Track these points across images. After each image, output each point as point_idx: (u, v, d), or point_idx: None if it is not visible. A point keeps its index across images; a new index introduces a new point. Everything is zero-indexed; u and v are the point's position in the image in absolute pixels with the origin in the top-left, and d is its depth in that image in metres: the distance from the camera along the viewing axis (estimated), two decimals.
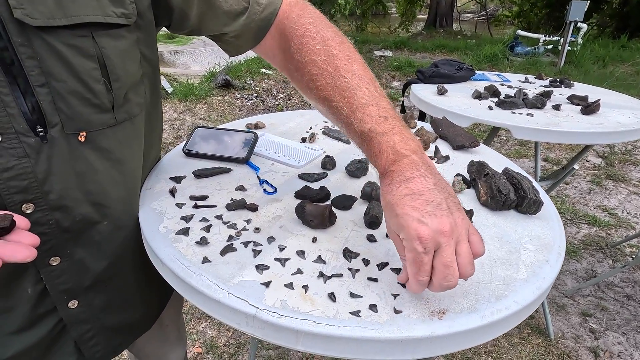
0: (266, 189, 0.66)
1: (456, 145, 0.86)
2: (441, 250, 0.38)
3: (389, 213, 0.41)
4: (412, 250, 0.39)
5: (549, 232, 0.58)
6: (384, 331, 0.40)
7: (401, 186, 0.41)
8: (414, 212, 0.39)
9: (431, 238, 0.38)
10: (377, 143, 0.45)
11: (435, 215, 0.39)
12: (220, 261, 0.49)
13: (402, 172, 0.42)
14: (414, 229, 0.38)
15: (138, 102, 0.52)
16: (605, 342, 1.60)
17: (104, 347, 0.61)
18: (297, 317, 0.41)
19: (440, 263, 0.38)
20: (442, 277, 0.38)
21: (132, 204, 0.56)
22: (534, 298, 0.46)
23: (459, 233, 0.39)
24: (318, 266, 0.49)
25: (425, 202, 0.39)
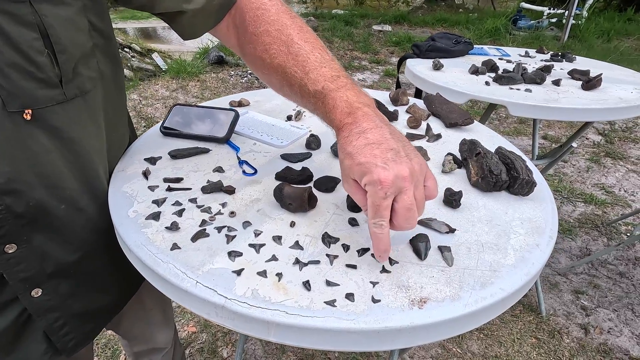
0: (245, 171, 0.63)
1: (449, 122, 0.82)
2: (402, 194, 0.40)
3: (349, 162, 0.42)
4: (373, 195, 0.40)
5: (541, 215, 0.56)
6: (359, 322, 0.38)
7: (360, 137, 0.42)
8: (375, 160, 0.40)
9: (392, 183, 0.39)
10: (332, 99, 0.46)
11: (396, 161, 0.40)
12: (191, 248, 0.46)
13: (359, 123, 0.43)
14: (377, 174, 0.39)
15: (90, 76, 0.48)
16: (596, 318, 1.61)
17: (76, 335, 0.59)
18: (268, 307, 0.39)
19: (402, 207, 0.40)
20: (404, 219, 0.40)
21: (92, 186, 0.53)
22: (521, 284, 0.44)
23: (417, 178, 0.41)
24: (294, 252, 0.46)
25: (385, 150, 0.40)
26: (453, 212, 0.55)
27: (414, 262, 0.45)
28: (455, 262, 0.46)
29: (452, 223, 0.52)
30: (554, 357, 1.46)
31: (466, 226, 0.52)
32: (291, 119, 0.83)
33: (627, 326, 1.61)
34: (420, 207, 0.42)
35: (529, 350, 1.47)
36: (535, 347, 1.49)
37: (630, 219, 2.12)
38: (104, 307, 0.64)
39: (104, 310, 0.65)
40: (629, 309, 1.67)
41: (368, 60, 4.55)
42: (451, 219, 0.53)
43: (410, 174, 0.40)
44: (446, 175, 0.64)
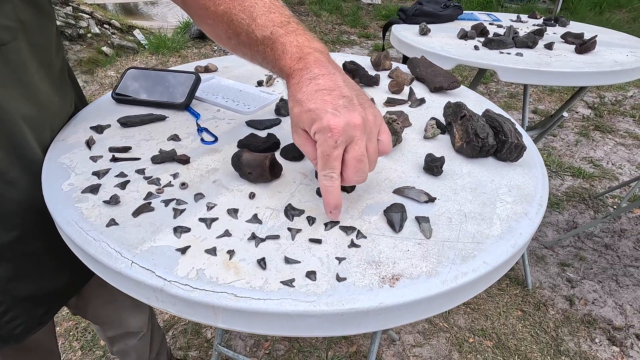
0: (204, 139, 0.56)
1: (434, 86, 0.75)
2: (353, 144, 0.37)
3: (299, 109, 0.38)
4: (323, 144, 0.37)
5: (530, 182, 0.50)
6: (320, 303, 0.32)
7: (311, 83, 0.39)
8: (326, 106, 0.37)
9: (343, 130, 0.36)
10: (281, 44, 0.42)
11: (348, 109, 0.37)
12: (131, 223, 0.40)
13: (310, 69, 0.40)
14: (327, 121, 0.36)
15: (6, 25, 0.40)
16: (581, 290, 1.62)
17: (25, 320, 0.54)
18: (214, 289, 0.33)
19: (352, 157, 0.37)
20: (354, 170, 0.38)
21: (21, 156, 0.46)
22: (507, 257, 0.39)
23: (370, 129, 0.38)
24: (251, 227, 0.40)
25: (337, 97, 0.38)
26: (434, 180, 0.49)
27: (388, 234, 0.40)
28: (434, 234, 0.40)
29: (433, 192, 0.47)
30: (539, 328, 1.46)
31: (448, 195, 0.47)
32: (262, 85, 0.75)
33: (610, 297, 1.62)
34: (373, 161, 0.39)
35: (514, 323, 1.47)
36: (520, 320, 1.49)
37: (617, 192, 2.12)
38: (56, 291, 0.59)
39: (57, 293, 0.59)
40: (613, 280, 1.68)
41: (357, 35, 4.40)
42: (432, 187, 0.48)
43: (362, 123, 0.37)
44: (428, 142, 0.58)
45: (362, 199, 0.45)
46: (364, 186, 0.47)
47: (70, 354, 1.39)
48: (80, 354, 1.39)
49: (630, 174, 2.32)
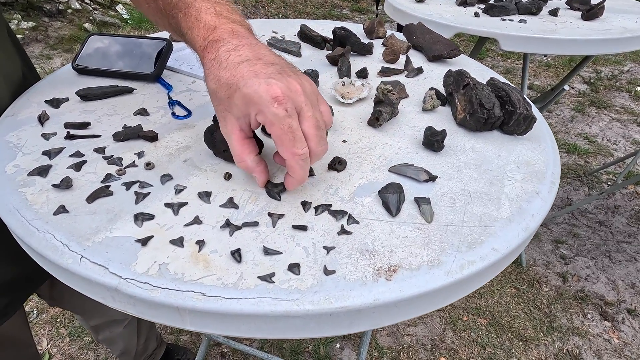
0: (176, 113, 0.49)
1: (432, 55, 0.69)
2: (303, 113, 0.33)
3: (224, 92, 0.33)
4: (274, 120, 0.32)
5: (540, 157, 0.45)
6: (304, 302, 0.27)
7: (230, 55, 0.33)
8: (257, 77, 0.32)
9: (287, 96, 0.32)
10: (196, 10, 0.37)
11: (282, 75, 0.33)
12: (84, 211, 0.34)
13: (227, 40, 0.34)
14: (265, 91, 0.31)
15: None
16: (574, 266, 1.62)
17: None
18: (178, 287, 0.28)
19: (310, 126, 0.33)
20: (317, 140, 0.33)
21: None
22: (519, 242, 0.34)
23: (311, 97, 0.34)
24: (226, 213, 0.35)
25: (266, 64, 0.33)
26: (434, 157, 0.44)
27: (383, 219, 0.35)
28: (435, 217, 0.35)
29: (433, 169, 0.42)
30: (532, 305, 1.46)
31: (450, 172, 0.42)
32: None
33: (603, 273, 1.62)
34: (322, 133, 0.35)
35: (508, 301, 1.47)
36: (514, 297, 1.48)
37: (611, 168, 2.10)
38: (15, 281, 0.53)
39: (18, 284, 0.54)
40: (606, 256, 1.68)
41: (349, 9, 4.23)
42: (432, 164, 0.43)
43: (302, 89, 0.33)
44: (427, 114, 0.53)
45: (353, 178, 0.40)
46: (355, 164, 0.42)
47: (58, 341, 1.35)
48: (69, 341, 1.35)
49: (625, 150, 2.30)
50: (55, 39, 3.03)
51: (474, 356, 1.32)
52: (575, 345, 1.38)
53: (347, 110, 0.52)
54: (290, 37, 0.76)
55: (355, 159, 0.43)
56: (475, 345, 1.34)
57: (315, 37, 0.73)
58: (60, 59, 2.83)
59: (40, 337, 1.33)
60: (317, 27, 0.79)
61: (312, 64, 0.66)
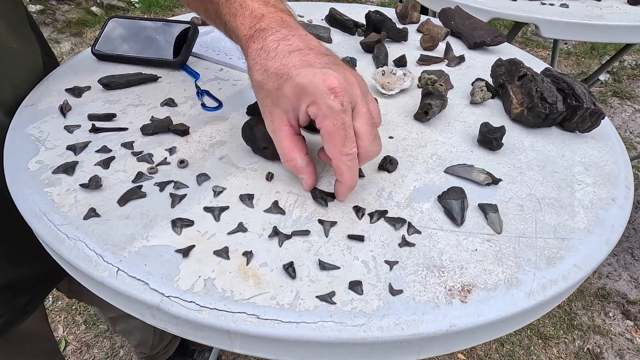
0: (206, 104, 0.46)
1: (473, 42, 0.64)
2: (359, 108, 0.30)
3: (272, 83, 0.30)
4: (328, 113, 0.29)
5: (608, 157, 0.41)
6: (372, 327, 0.24)
7: (280, 45, 0.31)
8: (312, 67, 0.29)
9: (344, 89, 0.29)
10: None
11: (338, 66, 0.30)
12: (117, 215, 0.31)
13: (277, 29, 0.32)
14: (322, 81, 0.28)
15: None
16: None
17: (5, 312, 0.47)
18: (229, 308, 0.25)
19: (364, 123, 0.30)
20: (371, 139, 0.30)
21: None
22: (602, 258, 0.30)
23: (365, 93, 0.31)
24: (272, 219, 0.31)
25: (319, 55, 0.30)
26: (492, 156, 0.40)
27: (447, 228, 0.31)
28: (504, 226, 0.32)
29: (494, 171, 0.38)
30: None
31: (512, 175, 0.38)
32: None
33: (626, 270, 1.58)
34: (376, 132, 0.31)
35: None
36: None
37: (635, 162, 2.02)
38: (38, 277, 0.52)
39: (40, 280, 0.52)
40: (628, 253, 1.63)
41: None
42: (490, 165, 0.39)
43: (357, 81, 0.30)
44: (477, 107, 0.48)
45: (407, 180, 0.36)
46: (407, 164, 0.38)
47: (74, 329, 1.35)
48: (84, 328, 1.36)
49: None
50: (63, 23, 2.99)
51: (492, 353, 1.29)
52: (596, 344, 1.34)
53: (389, 103, 0.48)
54: (318, 21, 0.71)
55: (406, 157, 0.39)
56: (494, 342, 1.31)
57: (346, 21, 0.68)
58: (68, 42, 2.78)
59: (57, 324, 1.34)
60: (346, 10, 0.74)
61: (344, 51, 0.61)
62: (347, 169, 0.30)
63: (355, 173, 0.30)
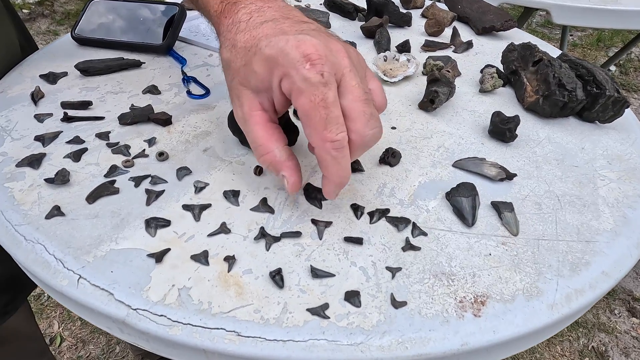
0: (192, 91, 0.42)
1: (482, 27, 0.59)
2: (346, 81, 0.24)
3: (240, 59, 0.25)
4: (303, 86, 0.23)
5: (632, 150, 0.37)
6: (371, 347, 0.21)
7: (252, 17, 0.26)
8: (285, 34, 0.24)
9: (324, 56, 0.23)
10: None
11: (319, 33, 0.25)
12: (84, 214, 0.27)
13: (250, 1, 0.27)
14: (294, 47, 0.23)
15: None
16: None
17: None
18: (204, 324, 0.21)
19: (353, 99, 0.24)
20: (365, 120, 0.24)
21: None
22: (633, 263, 0.27)
23: (357, 66, 0.25)
24: (260, 218, 0.28)
25: (296, 22, 0.26)
26: (505, 149, 0.36)
27: (457, 229, 0.28)
28: (521, 227, 0.28)
29: (507, 165, 0.34)
30: None
31: (528, 169, 0.34)
32: None
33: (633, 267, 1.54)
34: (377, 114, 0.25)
35: None
36: None
37: None
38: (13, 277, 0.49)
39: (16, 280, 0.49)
40: None
41: None
42: (503, 158, 0.35)
43: (345, 50, 0.25)
44: (486, 96, 0.44)
45: (411, 175, 0.32)
46: (411, 157, 0.34)
47: (69, 324, 1.33)
48: (80, 324, 1.33)
49: None
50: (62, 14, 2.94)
51: None
52: (601, 342, 1.32)
53: (391, 91, 0.44)
54: (316, 5, 0.67)
55: (410, 150, 0.35)
56: None
57: (346, 5, 0.64)
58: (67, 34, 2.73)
59: (52, 320, 1.31)
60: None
61: (344, 36, 0.57)
62: (332, 161, 0.24)
63: (344, 166, 0.24)
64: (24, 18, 2.51)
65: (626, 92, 2.56)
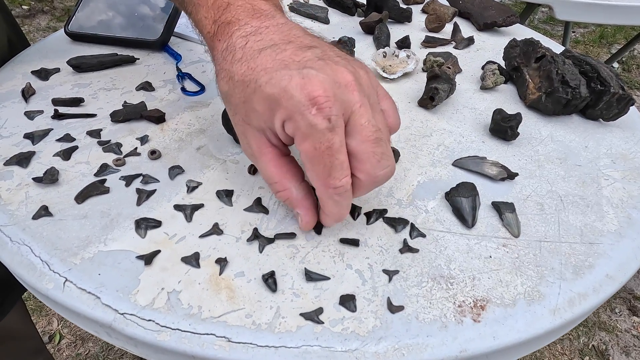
0: (186, 88, 0.41)
1: (484, 22, 0.58)
2: (355, 120, 0.22)
3: (239, 95, 0.23)
4: (308, 133, 0.21)
5: (637, 148, 0.36)
6: (367, 353, 0.20)
7: (249, 41, 0.24)
8: (287, 68, 0.22)
9: (332, 96, 0.21)
10: None
11: (325, 62, 0.22)
12: (72, 214, 0.26)
13: (245, 21, 0.25)
14: (298, 88, 0.21)
15: None
16: None
17: None
18: (194, 329, 0.20)
19: (365, 139, 0.22)
20: (376, 161, 0.23)
21: None
22: (637, 266, 0.26)
23: (368, 91, 0.23)
24: (253, 219, 0.27)
25: (299, 49, 0.23)
26: (506, 147, 0.35)
27: (456, 230, 0.27)
28: (523, 229, 0.27)
29: (509, 164, 0.33)
30: None
31: (530, 168, 0.33)
32: None
33: None
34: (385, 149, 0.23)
35: None
36: None
37: None
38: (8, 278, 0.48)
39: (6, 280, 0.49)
40: None
41: None
42: (505, 157, 0.34)
43: (355, 80, 0.22)
44: (488, 93, 0.44)
45: (410, 174, 0.32)
46: (410, 156, 0.33)
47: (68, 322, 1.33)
48: None
49: None
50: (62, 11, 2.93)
51: None
52: (601, 340, 1.31)
53: (391, 88, 0.43)
54: (315, 1, 0.66)
55: (409, 148, 0.34)
56: None
57: (345, 0, 0.63)
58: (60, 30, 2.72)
59: (51, 317, 1.31)
60: None
61: (342, 32, 0.56)
62: (334, 204, 0.23)
63: (345, 206, 0.24)
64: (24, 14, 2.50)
65: (629, 90, 2.55)
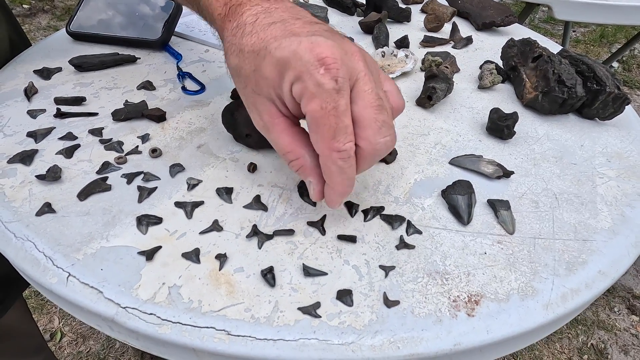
0: (187, 87, 0.41)
1: (482, 22, 0.59)
2: (360, 86, 0.23)
3: (249, 64, 0.24)
4: (316, 92, 0.22)
5: (633, 147, 0.37)
6: (363, 347, 0.20)
7: (259, 18, 0.25)
8: (296, 35, 0.23)
9: (339, 60, 0.22)
10: None
11: (332, 33, 0.24)
12: (75, 211, 0.27)
13: (256, 2, 0.26)
14: (308, 50, 0.22)
15: None
16: None
17: None
18: (194, 322, 0.21)
19: (365, 106, 0.23)
20: (378, 127, 0.23)
21: None
22: (630, 262, 0.26)
23: (372, 68, 0.24)
24: (253, 216, 0.27)
25: (306, 23, 0.24)
26: (503, 146, 0.36)
27: (452, 227, 0.27)
28: (518, 226, 0.28)
29: (505, 162, 0.33)
30: None
31: (526, 167, 0.33)
32: None
33: (633, 264, 1.54)
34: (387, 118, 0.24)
35: None
36: None
37: None
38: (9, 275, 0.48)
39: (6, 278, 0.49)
40: None
41: None
42: (501, 155, 0.35)
43: (360, 52, 0.24)
44: (485, 92, 0.44)
45: (407, 172, 0.32)
46: (407, 154, 0.34)
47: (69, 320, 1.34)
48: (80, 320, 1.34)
49: None
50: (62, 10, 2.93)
51: None
52: (600, 339, 1.32)
53: None
54: (315, 0, 0.67)
55: (407, 147, 0.35)
56: None
57: (344, 0, 0.63)
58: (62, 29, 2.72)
59: (52, 315, 1.32)
60: None
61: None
62: (337, 171, 0.23)
63: (349, 175, 0.24)
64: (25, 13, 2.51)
65: (629, 89, 2.54)
